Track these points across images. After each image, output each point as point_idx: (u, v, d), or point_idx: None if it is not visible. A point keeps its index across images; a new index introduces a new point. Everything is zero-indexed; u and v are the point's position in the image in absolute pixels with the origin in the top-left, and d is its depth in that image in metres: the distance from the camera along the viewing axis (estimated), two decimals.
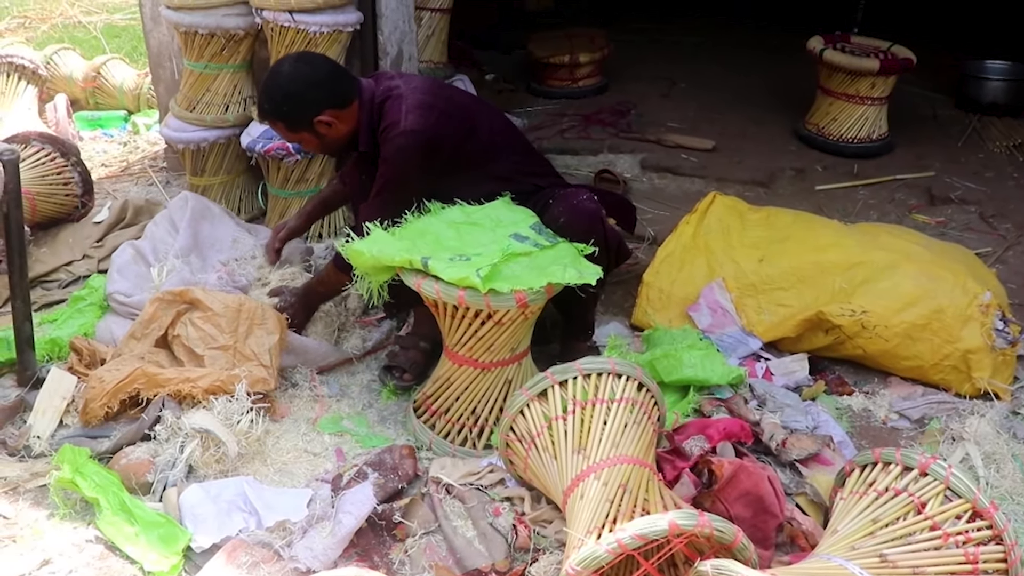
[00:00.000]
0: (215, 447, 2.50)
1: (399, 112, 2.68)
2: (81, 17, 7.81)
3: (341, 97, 2.71)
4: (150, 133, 5.17)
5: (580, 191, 2.79)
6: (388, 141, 2.68)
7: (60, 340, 2.99)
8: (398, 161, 2.68)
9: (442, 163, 2.73)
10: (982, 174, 4.59)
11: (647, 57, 6.38)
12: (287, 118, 2.72)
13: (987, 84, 5.41)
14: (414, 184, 2.74)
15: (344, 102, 2.72)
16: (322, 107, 2.68)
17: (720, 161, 4.70)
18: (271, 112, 2.73)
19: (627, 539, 1.78)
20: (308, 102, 2.68)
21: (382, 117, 2.71)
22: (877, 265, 3.03)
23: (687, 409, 2.75)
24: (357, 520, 2.26)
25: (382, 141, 2.70)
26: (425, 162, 2.70)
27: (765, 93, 5.66)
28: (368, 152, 2.79)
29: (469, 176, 2.79)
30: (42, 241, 3.73)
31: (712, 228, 3.33)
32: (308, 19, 3.44)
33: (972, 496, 1.96)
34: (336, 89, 2.72)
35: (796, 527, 2.26)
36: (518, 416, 2.29)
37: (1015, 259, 3.76)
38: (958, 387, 2.90)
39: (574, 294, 2.45)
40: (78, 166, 3.88)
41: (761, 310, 3.12)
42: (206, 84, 3.78)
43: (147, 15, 4.16)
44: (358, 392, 2.94)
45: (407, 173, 2.70)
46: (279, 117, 2.72)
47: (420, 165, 2.70)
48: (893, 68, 4.59)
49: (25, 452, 2.58)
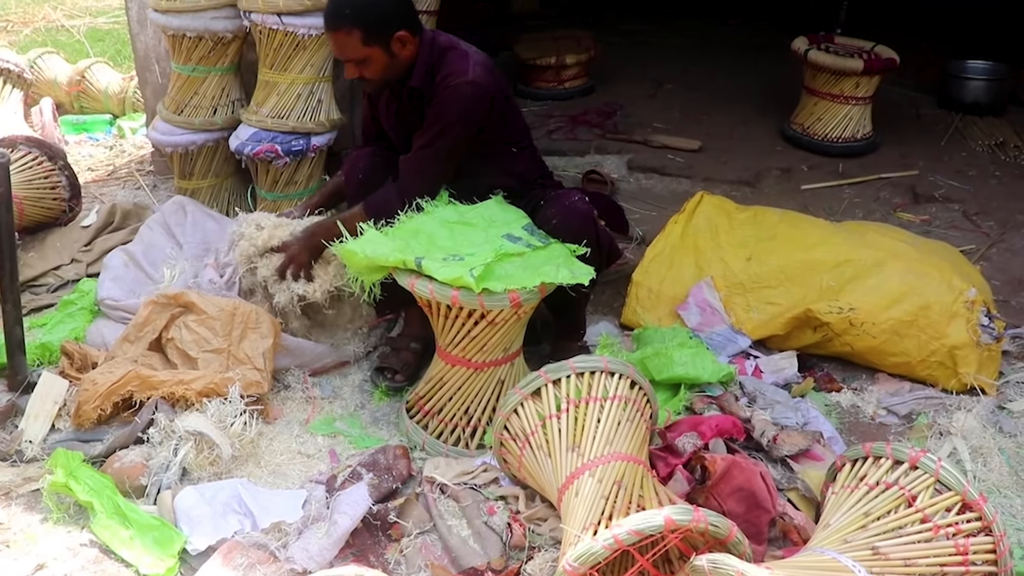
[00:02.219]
0: (209, 449, 2.50)
1: (466, 64, 2.66)
2: (64, 21, 7.79)
3: (416, 23, 2.68)
4: (136, 137, 5.16)
5: (572, 192, 2.80)
6: (451, 88, 2.63)
7: (51, 344, 2.99)
8: (458, 109, 2.64)
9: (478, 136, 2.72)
10: (965, 172, 4.63)
11: (633, 58, 6.40)
12: (368, 26, 2.58)
13: (969, 84, 5.46)
14: (463, 141, 2.70)
15: (417, 28, 2.69)
16: (402, 25, 2.62)
17: (706, 161, 4.73)
18: (352, 17, 2.57)
19: (623, 535, 1.80)
20: (392, 15, 2.62)
21: (444, 64, 2.67)
22: (864, 263, 3.06)
23: (678, 407, 2.78)
24: (352, 520, 2.27)
25: (441, 88, 2.65)
26: (479, 119, 2.68)
27: (750, 94, 5.69)
28: (417, 89, 2.72)
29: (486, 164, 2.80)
30: (30, 246, 3.72)
31: (700, 227, 3.36)
32: (296, 22, 3.44)
33: (962, 488, 1.99)
34: (413, 13, 2.69)
35: (789, 522, 2.29)
36: (512, 415, 2.31)
37: (999, 256, 3.80)
38: (945, 382, 2.94)
39: (566, 294, 2.46)
40: (65, 170, 3.87)
41: (750, 308, 3.14)
42: (194, 87, 3.78)
43: (133, 18, 4.15)
44: (350, 393, 2.95)
45: (464, 122, 2.66)
46: (359, 24, 2.57)
47: (475, 121, 2.67)
48: (877, 68, 4.63)
49: (17, 457, 2.57)
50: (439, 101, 2.65)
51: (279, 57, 3.55)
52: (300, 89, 3.61)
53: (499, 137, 2.80)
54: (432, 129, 2.68)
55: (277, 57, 3.55)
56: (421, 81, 2.71)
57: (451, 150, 2.70)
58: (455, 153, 2.72)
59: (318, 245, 2.84)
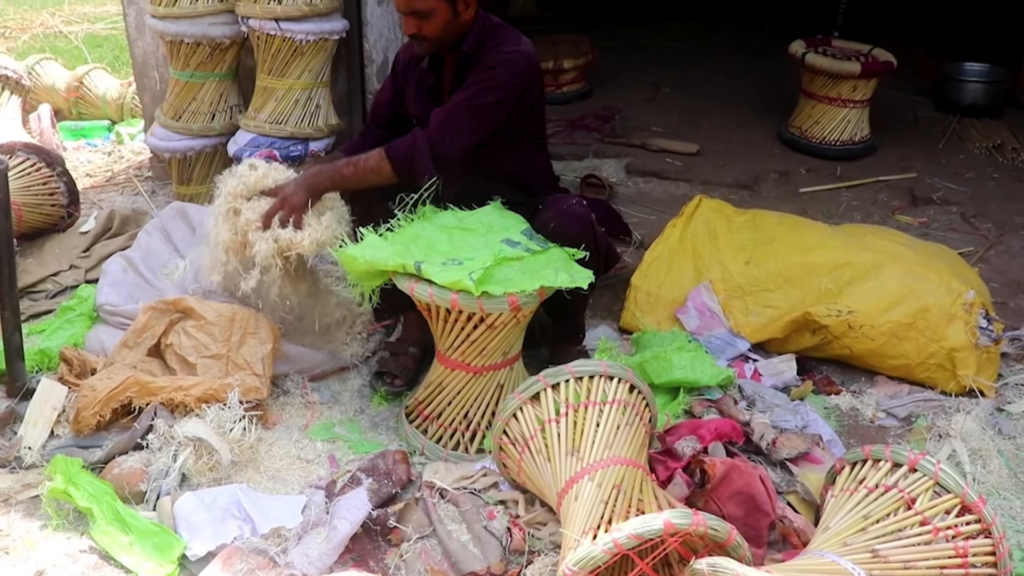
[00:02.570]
0: (208, 455, 2.50)
1: (519, 38, 2.70)
2: (62, 27, 7.79)
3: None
4: (134, 143, 5.16)
5: (570, 196, 2.80)
6: (503, 53, 2.65)
7: (50, 351, 2.98)
8: (507, 72, 2.64)
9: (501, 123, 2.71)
10: (963, 175, 4.64)
11: (631, 62, 6.41)
12: None
13: (966, 86, 5.47)
14: (502, 107, 2.67)
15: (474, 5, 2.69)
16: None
17: (705, 165, 4.73)
18: None
19: (623, 539, 1.80)
20: None
21: (495, 36, 2.69)
22: (862, 265, 3.06)
23: (677, 410, 2.78)
24: (352, 526, 2.27)
25: (492, 53, 2.66)
26: (522, 90, 2.69)
27: (748, 97, 5.70)
28: (467, 55, 2.70)
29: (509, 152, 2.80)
30: (28, 252, 3.72)
31: (699, 231, 3.36)
32: (294, 27, 3.46)
33: (961, 491, 1.99)
34: None
35: (788, 525, 2.29)
36: (511, 419, 2.31)
37: (997, 258, 3.80)
38: (944, 385, 2.94)
39: (564, 298, 2.46)
40: (64, 176, 3.87)
41: (748, 311, 3.14)
42: (192, 93, 3.79)
43: (132, 24, 4.16)
44: (349, 398, 2.95)
45: (509, 87, 2.65)
46: None
47: (519, 91, 2.68)
48: (874, 71, 4.64)
49: (16, 463, 2.57)
50: (488, 64, 2.64)
51: (277, 63, 3.56)
52: (298, 94, 3.62)
53: (525, 127, 2.81)
54: (476, 86, 2.64)
55: (275, 63, 3.57)
56: (472, 48, 2.70)
57: (489, 111, 2.65)
58: (491, 117, 2.67)
59: (319, 186, 2.67)
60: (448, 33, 2.66)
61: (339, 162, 2.71)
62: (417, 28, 2.63)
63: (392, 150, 2.63)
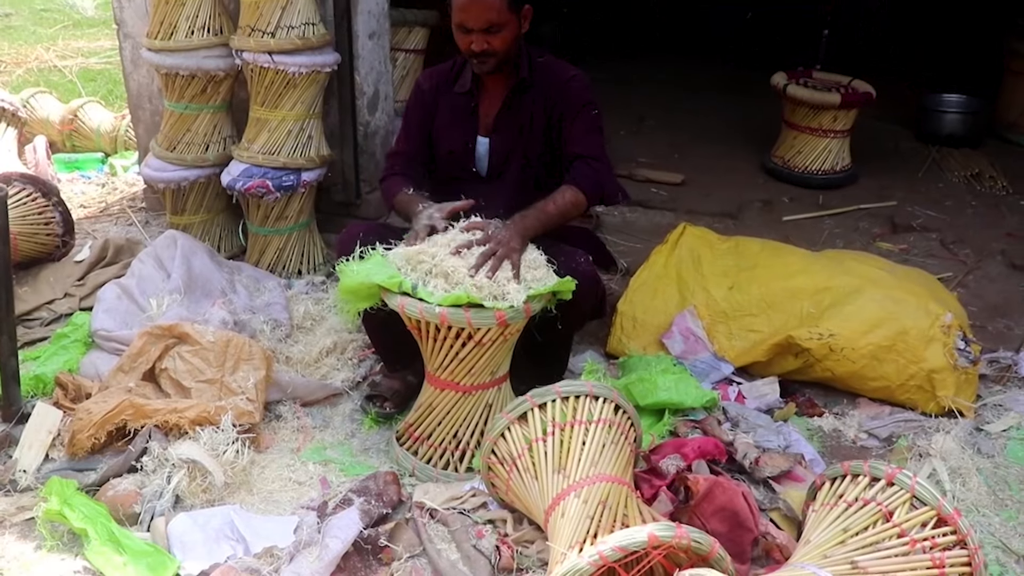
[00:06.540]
0: (202, 477, 2.53)
1: (571, 67, 2.85)
2: (56, 61, 7.86)
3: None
4: (128, 174, 5.20)
5: (577, 253, 2.71)
6: (581, 86, 2.81)
7: (45, 376, 3.01)
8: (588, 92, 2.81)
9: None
10: (942, 203, 4.75)
11: (615, 94, 6.51)
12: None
13: (944, 117, 5.60)
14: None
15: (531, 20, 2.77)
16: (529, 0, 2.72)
17: (689, 194, 4.82)
18: None
19: (608, 551, 1.84)
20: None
21: (553, 71, 2.83)
22: (843, 289, 3.13)
23: (663, 431, 2.83)
24: (344, 544, 2.30)
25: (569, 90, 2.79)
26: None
27: (732, 128, 5.81)
28: (524, 80, 2.80)
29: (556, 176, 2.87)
30: (24, 280, 3.75)
31: (683, 258, 3.43)
32: (287, 60, 3.53)
33: (937, 503, 2.04)
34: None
35: (771, 541, 2.33)
36: (499, 439, 2.36)
37: (975, 283, 3.89)
38: (924, 406, 3.00)
39: (549, 334, 2.50)
40: (59, 206, 3.92)
41: (732, 336, 3.20)
42: (187, 124, 3.85)
43: (127, 57, 4.23)
44: (341, 422, 2.98)
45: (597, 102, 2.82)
46: None
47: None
48: (854, 102, 4.75)
49: (11, 486, 2.59)
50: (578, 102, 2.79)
51: (270, 95, 3.63)
52: (291, 126, 3.68)
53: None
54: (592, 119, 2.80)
55: (268, 95, 3.63)
56: (527, 72, 2.80)
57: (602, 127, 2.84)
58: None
59: (531, 229, 2.61)
60: (512, 48, 2.74)
61: (538, 205, 2.67)
62: (486, 43, 2.68)
63: (582, 183, 2.73)
